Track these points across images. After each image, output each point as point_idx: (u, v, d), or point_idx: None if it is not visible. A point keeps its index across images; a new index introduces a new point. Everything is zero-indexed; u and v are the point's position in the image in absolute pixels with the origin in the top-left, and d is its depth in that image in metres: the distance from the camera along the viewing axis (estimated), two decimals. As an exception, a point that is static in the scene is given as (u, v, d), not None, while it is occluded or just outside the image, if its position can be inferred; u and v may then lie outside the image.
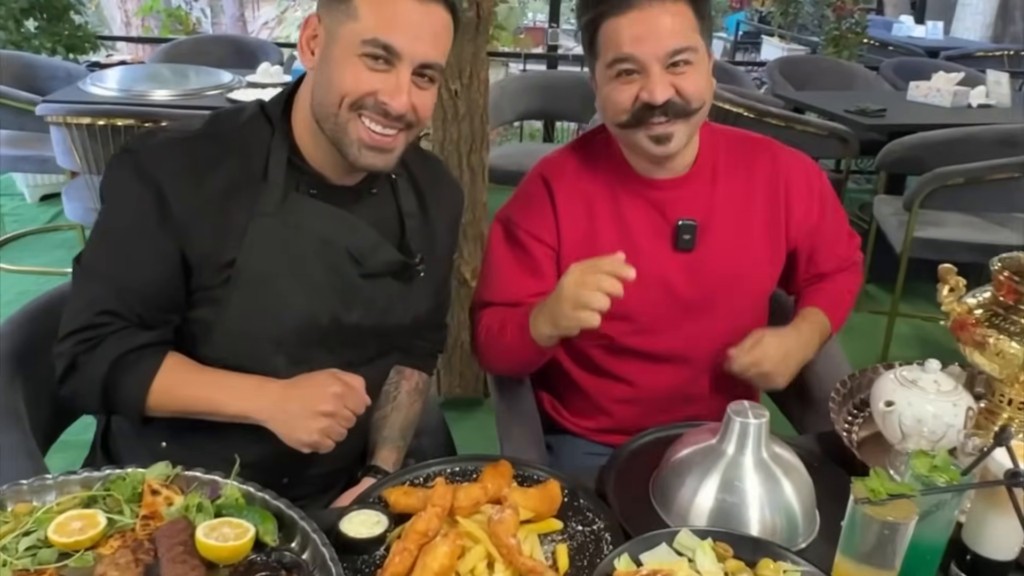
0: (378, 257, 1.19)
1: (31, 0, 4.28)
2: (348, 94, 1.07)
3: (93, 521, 0.99)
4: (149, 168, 1.09)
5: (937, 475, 0.90)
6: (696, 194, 1.35)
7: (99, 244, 1.14)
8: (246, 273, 1.12)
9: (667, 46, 1.20)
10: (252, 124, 1.16)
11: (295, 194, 1.14)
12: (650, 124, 1.23)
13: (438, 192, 1.30)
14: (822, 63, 5.12)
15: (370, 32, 1.05)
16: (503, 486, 1.04)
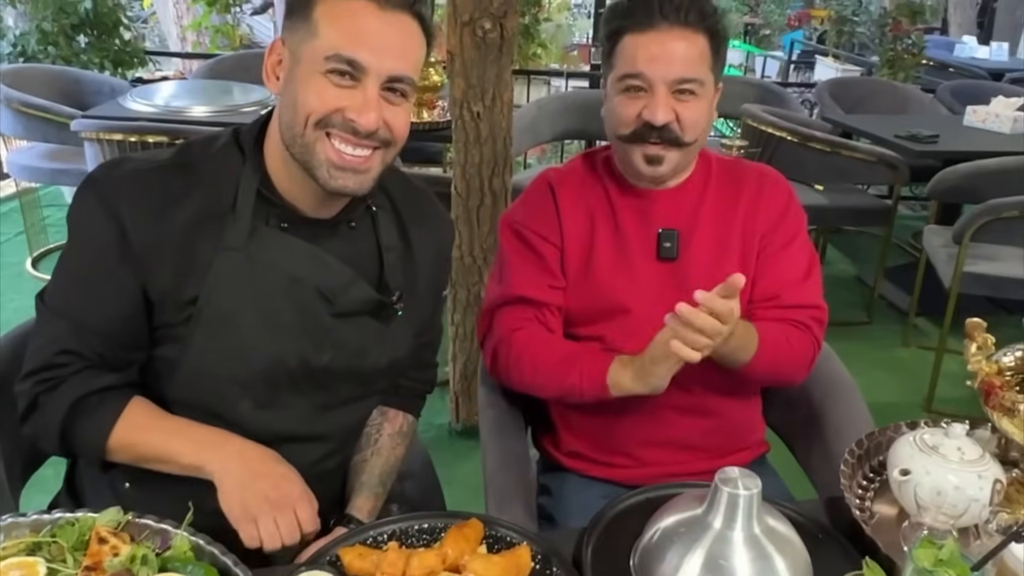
0: (351, 295, 1.12)
1: (81, 16, 4.38)
2: (313, 112, 1.02)
3: (32, 571, 0.94)
4: (111, 200, 1.04)
5: (943, 571, 0.79)
6: (681, 206, 1.38)
7: (61, 280, 1.09)
8: (208, 311, 1.06)
9: (677, 72, 1.25)
10: (223, 153, 1.10)
11: (264, 228, 1.09)
12: (647, 143, 1.28)
13: (423, 225, 1.23)
14: (875, 85, 4.93)
15: (332, 48, 1.00)
16: (465, 552, 0.95)
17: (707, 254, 1.36)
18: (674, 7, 1.25)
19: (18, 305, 3.59)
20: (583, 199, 1.40)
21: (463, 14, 2.29)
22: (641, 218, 1.37)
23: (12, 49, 4.38)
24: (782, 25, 11.77)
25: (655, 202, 1.37)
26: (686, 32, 1.25)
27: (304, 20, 1.03)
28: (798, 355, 1.36)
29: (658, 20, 1.25)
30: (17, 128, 3.69)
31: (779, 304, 1.36)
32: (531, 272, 1.38)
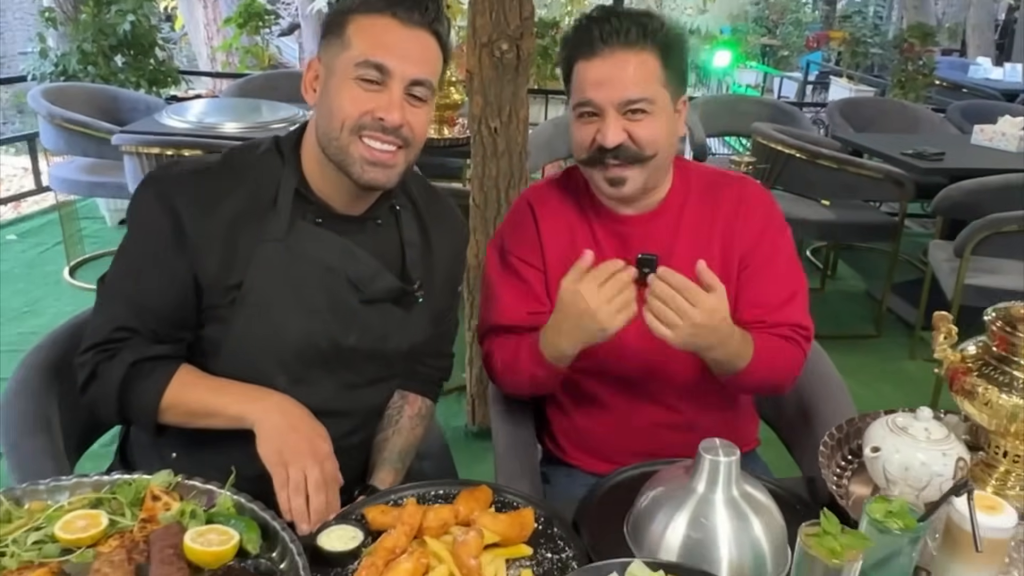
0: (377, 284, 1.25)
1: (120, 37, 4.58)
2: (348, 117, 1.16)
3: (96, 521, 1.07)
4: (168, 195, 1.19)
5: (892, 521, 0.90)
6: (659, 231, 1.40)
7: (120, 266, 1.24)
8: (251, 295, 1.20)
9: (623, 94, 1.28)
10: (265, 157, 1.25)
11: (301, 222, 1.22)
12: (606, 166, 1.32)
13: (441, 226, 1.37)
14: (886, 105, 5.04)
15: (362, 55, 1.16)
16: (475, 509, 1.07)
17: (686, 276, 1.33)
18: (614, 31, 1.28)
19: (57, 311, 3.77)
20: (564, 221, 1.43)
21: (482, 36, 2.44)
22: (620, 243, 1.40)
23: (54, 68, 4.60)
24: (800, 46, 11.89)
25: (633, 227, 1.40)
26: (629, 54, 1.28)
27: (338, 37, 1.18)
28: (789, 364, 1.39)
29: (599, 46, 1.28)
30: (59, 143, 3.89)
31: (765, 325, 1.38)
32: (514, 299, 1.43)
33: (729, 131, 5.11)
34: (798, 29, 12.27)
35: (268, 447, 1.14)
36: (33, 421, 1.36)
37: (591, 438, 1.51)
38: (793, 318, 1.40)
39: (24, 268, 4.33)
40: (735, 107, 4.89)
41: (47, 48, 4.68)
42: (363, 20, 1.17)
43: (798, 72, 10.63)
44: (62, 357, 1.47)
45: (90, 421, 1.51)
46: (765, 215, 1.42)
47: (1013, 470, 1.21)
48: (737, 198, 1.42)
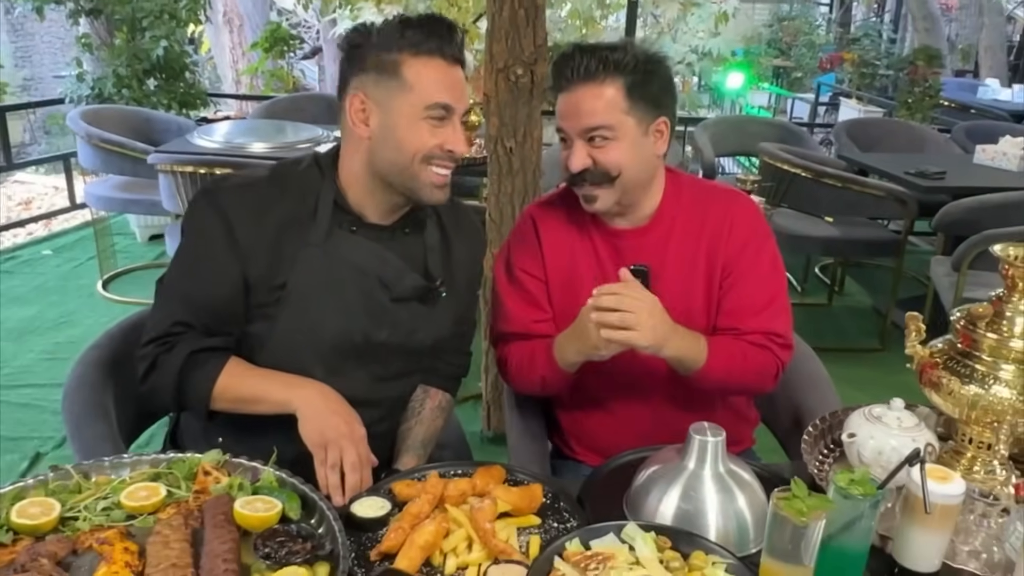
0: (405, 283, 1.41)
1: (152, 62, 4.80)
2: (420, 150, 1.31)
3: (156, 492, 1.22)
4: (221, 204, 1.34)
5: (854, 488, 1.03)
6: (651, 243, 1.52)
7: (178, 267, 1.39)
8: (294, 295, 1.35)
9: (584, 123, 1.42)
10: (307, 172, 1.40)
11: (338, 230, 1.38)
12: (581, 185, 1.46)
13: (460, 233, 1.52)
14: (892, 125, 5.16)
15: (431, 98, 1.30)
16: (489, 483, 1.21)
17: (676, 286, 1.49)
18: (576, 66, 1.40)
19: (91, 322, 3.95)
20: (564, 233, 1.55)
21: (498, 61, 2.60)
22: (615, 254, 1.52)
23: (90, 91, 4.82)
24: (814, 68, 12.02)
25: (626, 240, 1.52)
26: (592, 86, 1.40)
27: (393, 77, 1.30)
28: (755, 368, 1.48)
29: (566, 81, 1.42)
30: (95, 162, 4.09)
31: (738, 332, 1.48)
32: (520, 309, 1.56)
33: (739, 151, 5.25)
34: (811, 51, 12.42)
35: (310, 427, 1.28)
36: (93, 410, 1.51)
37: (595, 436, 1.63)
38: (767, 326, 1.49)
39: (59, 281, 4.52)
40: (744, 128, 5.03)
41: (83, 72, 4.90)
42: (417, 63, 1.30)
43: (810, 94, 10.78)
44: (116, 354, 1.62)
45: (140, 413, 1.67)
46: (750, 227, 1.52)
47: (978, 455, 1.33)
48: (724, 211, 1.52)
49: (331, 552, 1.10)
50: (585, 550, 1.03)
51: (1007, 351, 1.25)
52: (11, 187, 9.43)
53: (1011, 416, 1.22)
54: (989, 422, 1.26)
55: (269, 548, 1.10)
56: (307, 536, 1.13)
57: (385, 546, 1.11)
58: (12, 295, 4.31)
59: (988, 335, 1.26)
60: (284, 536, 1.12)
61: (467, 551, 1.11)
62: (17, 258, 4.85)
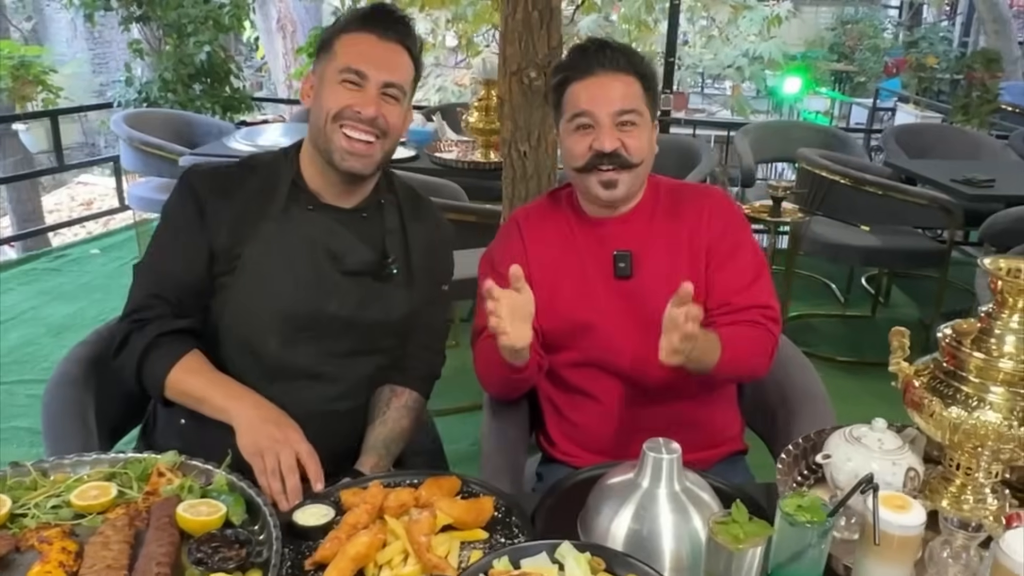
0: (355, 256, 1.46)
1: (197, 67, 4.91)
2: (331, 109, 1.39)
3: (106, 491, 1.22)
4: (194, 185, 1.45)
5: (801, 514, 0.96)
6: (633, 229, 1.56)
7: (153, 246, 1.47)
8: (248, 264, 1.41)
9: (616, 106, 1.48)
10: (274, 158, 1.50)
11: (295, 207, 1.45)
12: (600, 170, 1.49)
13: (419, 220, 1.56)
14: (946, 131, 4.95)
15: (346, 63, 1.40)
16: (436, 495, 1.18)
17: (660, 270, 1.52)
18: (607, 57, 1.48)
19: (128, 319, 4.05)
20: (548, 232, 1.60)
21: (512, 64, 2.56)
22: (598, 243, 1.56)
23: (138, 96, 4.96)
24: (878, 72, 11.65)
25: (609, 227, 1.56)
26: (619, 75, 1.48)
27: (327, 52, 1.43)
28: (757, 349, 1.51)
29: (595, 67, 1.48)
30: (136, 164, 4.20)
31: (731, 308, 1.51)
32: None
33: (780, 157, 5.10)
34: (876, 55, 12.05)
35: (245, 440, 1.30)
36: (70, 406, 1.53)
37: (582, 431, 1.60)
38: (759, 299, 1.52)
39: (104, 280, 4.66)
40: (788, 133, 4.88)
41: (132, 77, 5.05)
42: (348, 37, 1.43)
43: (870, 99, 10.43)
44: (102, 352, 1.64)
45: (127, 410, 1.68)
46: (726, 216, 1.57)
47: (968, 482, 1.24)
48: (700, 202, 1.58)
49: (266, 560, 1.09)
50: (514, 569, 0.99)
51: (995, 372, 1.16)
52: (75, 188, 9.83)
53: (993, 442, 1.13)
54: (972, 448, 1.17)
55: (202, 553, 1.08)
56: (244, 542, 1.11)
57: (320, 556, 1.08)
58: (58, 292, 4.45)
59: (975, 354, 1.17)
60: (220, 541, 1.11)
61: (403, 564, 1.08)
62: (66, 256, 5.02)
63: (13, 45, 5.41)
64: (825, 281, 4.70)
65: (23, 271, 4.73)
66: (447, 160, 3.75)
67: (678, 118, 5.62)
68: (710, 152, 4.16)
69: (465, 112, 3.90)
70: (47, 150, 5.14)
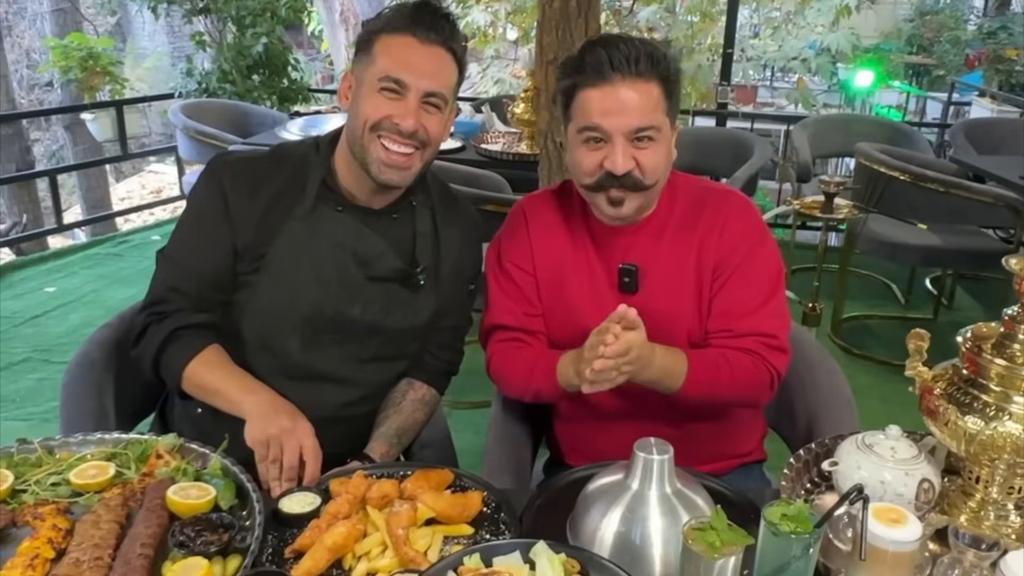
0: (382, 263, 1.41)
1: (255, 58, 5.00)
2: (368, 118, 1.33)
3: (104, 471, 1.24)
4: (219, 177, 1.41)
5: (786, 524, 0.91)
6: (641, 243, 1.44)
7: (176, 236, 1.45)
8: (273, 264, 1.39)
9: (632, 123, 1.31)
10: (305, 152, 1.45)
11: (324, 208, 1.41)
12: (609, 189, 1.35)
13: (452, 221, 1.50)
14: (1018, 126, 4.69)
15: (385, 71, 1.33)
16: (421, 488, 1.16)
17: (664, 287, 1.41)
18: (624, 60, 1.29)
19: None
20: (555, 230, 1.48)
21: (548, 53, 2.52)
22: (605, 252, 1.45)
23: (197, 86, 5.08)
24: (959, 65, 11.16)
25: (617, 238, 1.44)
26: (638, 82, 1.30)
27: (366, 54, 1.36)
28: (744, 379, 1.37)
29: (609, 73, 1.29)
30: (192, 153, 4.31)
31: (731, 334, 1.39)
32: (509, 302, 1.49)
33: (841, 152, 4.92)
34: (956, 47, 11.54)
35: (255, 427, 1.29)
36: (87, 387, 1.56)
37: (586, 441, 1.55)
38: (762, 327, 1.39)
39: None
40: (849, 127, 4.70)
41: (193, 68, 5.17)
42: (387, 39, 1.34)
43: (955, 93, 9.99)
44: (124, 336, 1.67)
45: (144, 394, 1.71)
46: (744, 228, 1.43)
47: (988, 498, 1.16)
48: (717, 211, 1.44)
49: (248, 546, 1.09)
50: (485, 566, 0.96)
51: (1018, 380, 1.08)
52: (146, 177, 10.18)
53: (1010, 455, 1.05)
54: (990, 460, 1.09)
55: (184, 536, 1.09)
56: (228, 526, 1.11)
57: (299, 544, 1.08)
58: (118, 276, 4.61)
59: (996, 360, 1.09)
60: (204, 525, 1.11)
61: (381, 556, 1.06)
62: (129, 242, 5.18)
63: (83, 37, 5.60)
64: (885, 281, 4.52)
65: (88, 255, 4.91)
66: (492, 151, 3.73)
67: (735, 111, 5.46)
68: (764, 145, 4.04)
69: (511, 103, 3.86)
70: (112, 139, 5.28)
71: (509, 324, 1.51)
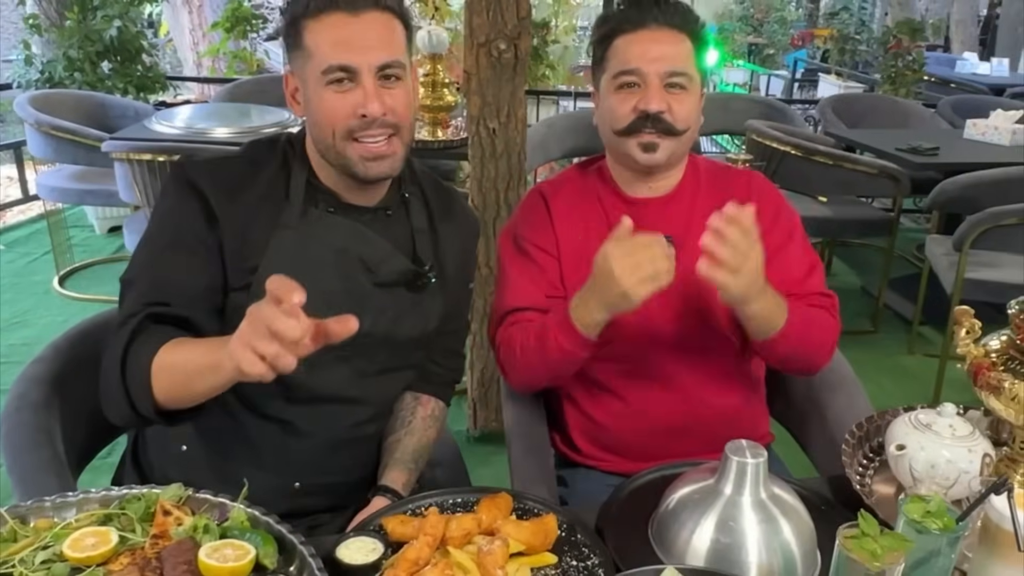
0: (390, 266, 1.27)
1: (106, 44, 4.53)
2: (334, 125, 1.18)
3: (106, 538, 1.04)
4: (194, 180, 1.20)
5: (931, 521, 0.88)
6: (675, 212, 1.44)
7: (146, 254, 1.21)
8: (264, 280, 1.15)
9: (668, 65, 1.35)
10: (280, 151, 1.27)
11: (314, 210, 1.24)
12: (641, 133, 1.36)
13: (449, 218, 1.37)
14: (877, 101, 5.04)
15: (324, 61, 1.16)
16: (498, 518, 1.05)
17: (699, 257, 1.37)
18: (662, 10, 1.36)
19: (47, 321, 3.71)
20: (577, 209, 1.46)
21: (479, 36, 2.41)
22: (635, 225, 1.37)
23: (40, 76, 4.54)
24: (786, 45, 11.93)
25: (648, 210, 1.42)
26: (673, 32, 1.36)
27: (300, 48, 1.19)
28: (824, 333, 1.41)
29: (648, 20, 1.36)
30: (47, 151, 3.83)
31: (792, 298, 1.37)
32: (529, 283, 1.44)
33: (722, 129, 5.11)
34: (783, 27, 12.32)
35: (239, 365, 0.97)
36: (34, 435, 1.32)
37: (608, 433, 1.49)
38: (817, 289, 1.44)
39: (13, 278, 4.26)
40: (727, 105, 4.87)
41: (32, 55, 4.61)
42: (314, 24, 1.17)
43: (784, 70, 10.66)
44: (62, 369, 1.43)
45: (94, 432, 1.48)
46: (775, 202, 1.47)
47: (1040, 464, 1.19)
48: (748, 188, 1.46)
49: (313, 608, 0.94)
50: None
51: (1077, 348, 1.11)
52: (-37, 178, 9.05)
53: (1086, 424, 1.08)
54: (1055, 428, 1.12)
55: (240, 607, 0.93)
56: (286, 589, 0.96)
57: (381, 601, 0.94)
58: (-40, 293, 4.05)
59: (1054, 329, 1.12)
60: (257, 591, 0.96)
61: (476, 602, 0.95)
62: (-36, 253, 4.58)
63: None
64: (768, 252, 4.74)
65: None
66: (393, 139, 3.56)
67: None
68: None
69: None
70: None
71: (524, 305, 1.43)
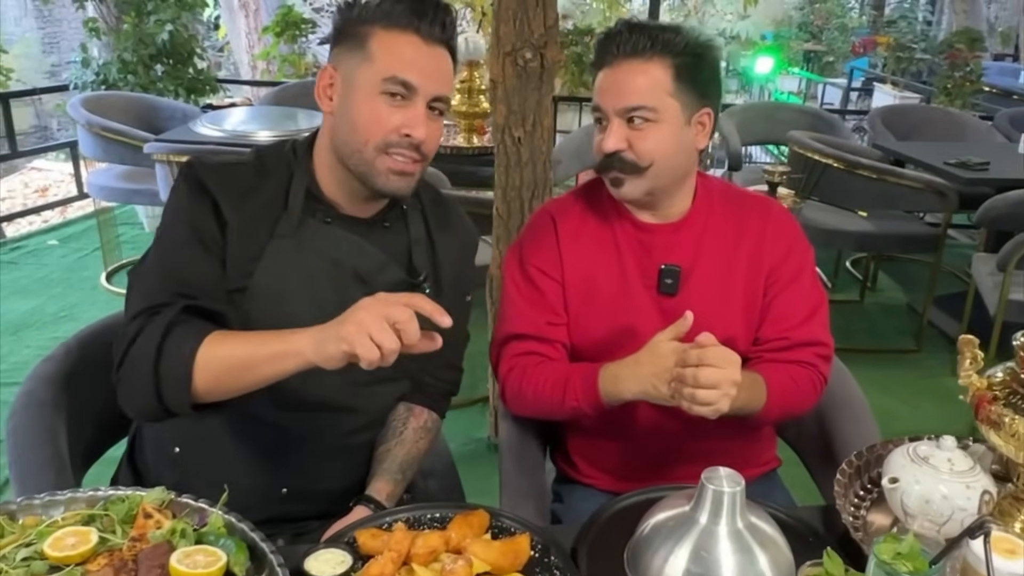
0: (385, 277, 1.27)
1: (159, 47, 4.65)
2: (374, 135, 1.18)
3: (86, 538, 1.06)
4: (204, 180, 1.21)
5: (901, 563, 0.84)
6: (684, 241, 1.39)
7: (160, 249, 1.22)
8: (261, 288, 1.21)
9: (625, 102, 1.30)
10: (285, 158, 1.28)
11: (311, 221, 1.25)
12: (610, 170, 1.33)
13: (446, 229, 1.38)
14: (931, 112, 4.89)
15: (389, 71, 1.17)
16: (467, 536, 1.04)
17: (709, 290, 1.37)
18: (624, 42, 1.30)
19: (92, 316, 3.74)
20: (585, 230, 1.42)
21: (506, 45, 2.41)
22: (643, 252, 1.39)
23: (95, 78, 4.69)
24: (846, 52, 11.65)
25: (657, 236, 1.39)
26: (638, 63, 1.29)
27: (360, 50, 1.19)
28: (805, 394, 1.38)
29: (614, 56, 1.31)
30: (96, 151, 3.96)
31: (787, 344, 1.37)
32: (531, 309, 1.41)
33: (767, 139, 5.01)
34: (843, 35, 12.04)
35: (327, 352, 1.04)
36: (38, 433, 1.36)
37: (605, 455, 1.47)
38: (815, 335, 1.39)
39: (63, 273, 4.41)
40: (773, 115, 4.78)
41: (89, 58, 4.77)
42: (386, 35, 1.19)
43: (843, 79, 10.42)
44: (72, 368, 1.47)
45: (100, 432, 1.52)
46: (791, 236, 1.42)
47: (1045, 504, 1.14)
48: (764, 219, 1.42)
49: (276, 619, 0.95)
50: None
51: (1083, 385, 1.05)
52: (28, 174, 9.40)
53: (1088, 466, 1.03)
54: (1058, 469, 1.06)
55: (202, 615, 0.94)
56: (250, 599, 0.97)
57: (341, 614, 0.94)
58: (15, 287, 4.20)
59: (1059, 365, 1.07)
60: (222, 599, 0.97)
61: (436, 621, 0.94)
62: (23, 248, 4.75)
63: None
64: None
65: (-26, 265, 4.48)
66: (429, 145, 3.58)
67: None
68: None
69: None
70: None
71: (525, 333, 1.41)
